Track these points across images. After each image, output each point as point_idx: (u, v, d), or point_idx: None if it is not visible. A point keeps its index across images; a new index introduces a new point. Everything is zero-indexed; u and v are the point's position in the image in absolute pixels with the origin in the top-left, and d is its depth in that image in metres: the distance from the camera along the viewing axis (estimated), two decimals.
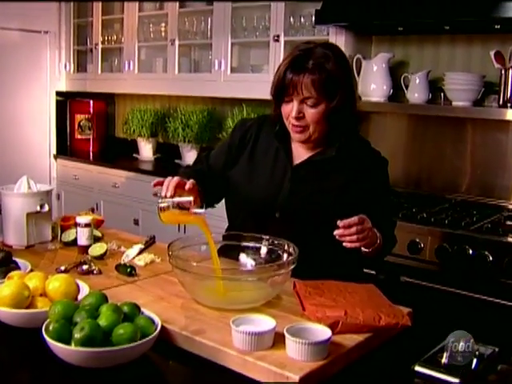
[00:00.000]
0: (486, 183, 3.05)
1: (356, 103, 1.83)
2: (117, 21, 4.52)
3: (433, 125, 3.19)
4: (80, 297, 1.37)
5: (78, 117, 4.76)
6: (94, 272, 1.64)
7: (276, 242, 1.58)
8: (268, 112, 1.96)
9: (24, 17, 4.29)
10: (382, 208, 1.83)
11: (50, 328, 1.15)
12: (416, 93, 3.10)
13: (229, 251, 1.63)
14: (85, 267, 1.65)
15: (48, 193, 1.92)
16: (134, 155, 4.47)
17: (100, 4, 4.50)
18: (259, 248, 1.59)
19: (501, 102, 2.81)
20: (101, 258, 1.78)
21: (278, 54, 3.47)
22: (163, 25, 4.16)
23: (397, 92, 3.22)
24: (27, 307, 1.31)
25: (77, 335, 1.12)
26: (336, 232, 1.54)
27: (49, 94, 4.63)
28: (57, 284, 1.34)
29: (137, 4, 4.24)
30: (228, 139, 1.99)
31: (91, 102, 4.79)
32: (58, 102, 4.72)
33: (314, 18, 3.33)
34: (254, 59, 3.87)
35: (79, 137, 4.80)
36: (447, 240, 2.55)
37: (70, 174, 4.51)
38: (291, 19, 3.49)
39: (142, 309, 1.30)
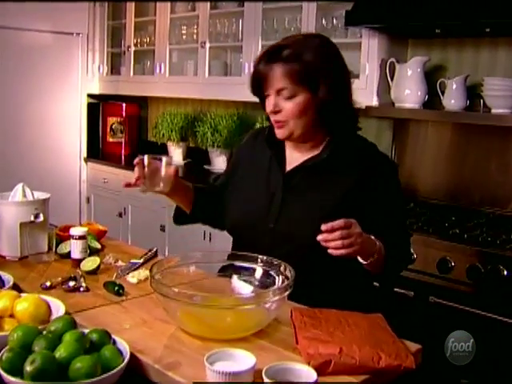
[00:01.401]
0: None
1: (350, 99, 1.66)
2: (150, 23, 4.45)
3: (470, 133, 2.98)
4: (52, 318, 1.26)
5: (111, 119, 4.72)
6: (81, 289, 1.54)
7: (272, 263, 1.43)
8: None
9: (56, 19, 4.27)
10: (391, 219, 1.66)
11: (3, 357, 1.05)
12: (453, 99, 2.89)
13: (223, 270, 1.49)
14: (71, 284, 1.54)
15: (44, 201, 1.83)
16: None
17: (133, 6, 4.45)
18: (254, 269, 1.45)
19: None
20: (94, 272, 1.67)
21: None
22: (195, 27, 4.07)
23: (432, 98, 3.03)
24: None
25: (28, 368, 1.01)
26: (319, 237, 1.39)
27: (80, 97, 4.60)
28: (25, 305, 1.23)
29: (169, 6, 4.16)
30: (228, 158, 1.96)
31: (124, 104, 4.73)
32: (90, 104, 4.69)
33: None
34: None
35: (111, 140, 4.76)
36: (480, 259, 2.35)
37: (99, 178, 4.46)
38: (323, 21, 3.34)
39: (115, 336, 1.18)
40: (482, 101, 2.86)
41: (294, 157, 1.70)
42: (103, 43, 4.70)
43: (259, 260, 1.44)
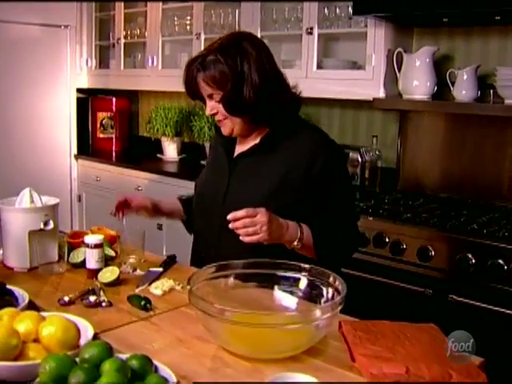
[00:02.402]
0: None
1: (280, 89, 1.71)
2: (140, 14, 4.30)
3: (482, 125, 2.89)
4: (82, 342, 1.14)
5: (100, 115, 4.56)
6: (103, 304, 1.41)
7: (319, 272, 1.31)
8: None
9: (44, 11, 4.09)
10: (330, 203, 1.70)
11: None
12: (464, 90, 2.80)
13: (261, 281, 1.37)
14: (92, 298, 1.41)
15: (54, 207, 1.70)
16: (158, 155, 4.25)
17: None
18: (297, 279, 1.33)
19: None
20: (113, 284, 1.55)
21: (311, 48, 3.21)
22: (188, 18, 3.92)
23: (441, 89, 2.94)
24: (17, 357, 1.09)
25: None
26: (230, 225, 1.50)
27: (69, 91, 4.42)
28: (52, 329, 1.10)
29: None
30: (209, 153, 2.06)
31: (113, 99, 4.58)
32: (78, 99, 4.51)
33: (350, 9, 3.09)
34: (285, 54, 3.61)
35: (101, 136, 4.60)
36: (502, 255, 2.27)
37: (91, 175, 4.31)
38: (325, 10, 3.22)
39: (156, 361, 1.06)
40: (492, 91, 2.78)
41: (241, 146, 1.81)
42: (91, 36, 4.53)
43: (303, 269, 1.32)
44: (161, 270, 1.66)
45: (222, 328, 1.16)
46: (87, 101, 4.62)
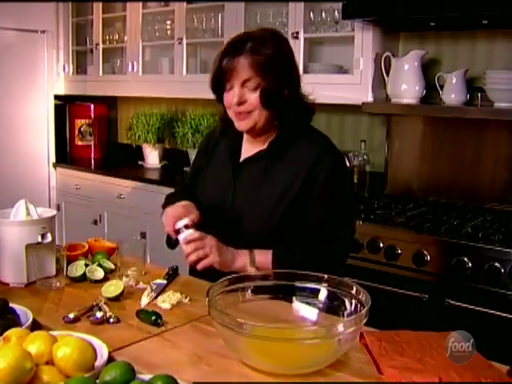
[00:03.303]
0: None
1: (299, 95, 1.70)
2: (118, 19, 4.22)
3: (471, 128, 2.90)
4: (98, 363, 1.07)
5: (79, 122, 4.46)
6: (111, 320, 1.35)
7: (339, 283, 1.27)
8: None
9: (20, 15, 3.98)
10: (315, 213, 1.66)
11: None
12: (453, 93, 2.81)
13: (279, 292, 1.32)
14: (99, 314, 1.35)
15: (51, 219, 1.62)
16: (140, 162, 4.17)
17: (100, 2, 4.20)
18: (316, 290, 1.28)
19: None
20: (117, 299, 1.48)
21: (297, 53, 3.16)
22: (169, 22, 3.86)
23: (430, 93, 2.94)
24: (30, 381, 1.02)
25: None
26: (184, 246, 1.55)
27: (47, 98, 4.31)
28: (68, 351, 1.04)
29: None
30: (195, 156, 1.97)
31: (92, 105, 4.48)
32: (56, 106, 4.41)
33: (336, 13, 3.08)
34: None
35: (80, 143, 4.50)
36: (499, 259, 2.26)
37: (71, 184, 4.21)
38: (311, 14, 3.20)
39: (181, 382, 1.00)
40: (480, 95, 2.79)
41: (248, 149, 1.76)
42: (68, 41, 4.43)
43: (322, 279, 1.27)
44: (165, 282, 1.60)
45: (243, 342, 1.11)
46: (65, 108, 4.51)
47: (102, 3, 4.19)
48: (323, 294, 1.26)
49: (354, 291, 1.21)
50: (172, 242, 1.77)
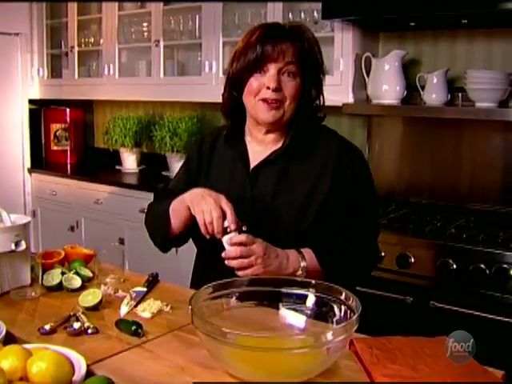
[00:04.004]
0: None
1: (322, 93, 1.61)
2: (94, 21, 4.15)
3: (452, 128, 2.88)
4: (76, 377, 1.01)
5: (54, 126, 4.37)
6: (89, 331, 1.28)
7: (328, 289, 1.21)
8: None
9: None
10: (357, 211, 1.58)
11: None
12: (434, 94, 2.79)
13: (265, 299, 1.27)
14: (76, 325, 1.28)
15: (25, 226, 1.55)
16: (117, 167, 4.09)
17: (75, 4, 4.12)
18: (304, 296, 1.23)
19: None
20: (95, 308, 1.42)
21: None
22: (145, 24, 3.80)
23: (410, 93, 2.92)
24: None
25: None
26: (223, 254, 1.41)
27: (21, 102, 4.22)
28: (43, 366, 0.97)
29: (116, 3, 3.87)
30: (185, 163, 1.80)
31: (67, 110, 4.40)
32: (31, 110, 4.31)
33: (316, 14, 3.06)
34: None
35: (55, 148, 4.41)
36: (484, 260, 2.24)
37: (46, 190, 4.11)
38: (290, 15, 3.16)
39: None
40: (460, 95, 2.78)
41: (257, 153, 1.63)
42: (42, 44, 4.34)
43: (310, 285, 1.22)
44: (145, 289, 1.54)
45: (228, 352, 1.06)
46: (40, 112, 4.42)
47: (78, 5, 4.11)
48: (311, 300, 1.21)
49: (343, 297, 1.17)
50: (169, 244, 1.67)
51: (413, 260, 2.39)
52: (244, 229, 1.43)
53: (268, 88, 1.50)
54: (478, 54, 2.82)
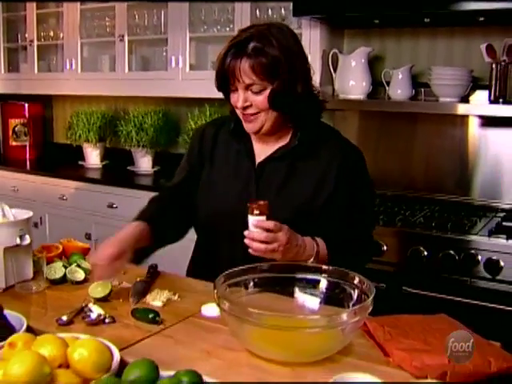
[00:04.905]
0: (485, 184, 2.88)
1: (311, 87, 1.64)
2: (52, 15, 4.09)
3: (416, 122, 3.02)
4: (113, 365, 1.05)
5: (13, 122, 4.29)
6: (106, 321, 1.31)
7: (341, 274, 1.30)
8: None
9: None
10: (358, 207, 1.66)
11: None
12: (399, 89, 2.92)
13: (280, 284, 1.34)
14: (94, 315, 1.31)
15: (28, 220, 1.57)
16: (80, 162, 4.06)
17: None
18: (317, 281, 1.31)
19: (492, 97, 2.66)
20: (105, 299, 1.45)
21: None
22: (108, 19, 3.78)
23: (376, 88, 3.03)
24: None
25: None
26: (246, 232, 1.43)
27: None
28: (85, 352, 1.01)
29: None
30: (187, 154, 1.83)
31: (26, 105, 4.32)
32: None
33: (283, 11, 3.13)
34: (215, 55, 3.56)
35: (14, 144, 4.33)
36: (454, 246, 2.37)
37: (7, 186, 4.02)
38: (257, 12, 3.22)
39: (205, 376, 1.00)
40: (423, 90, 2.91)
41: (262, 149, 1.68)
42: None
43: (323, 271, 1.30)
44: (149, 280, 1.58)
45: (254, 332, 1.13)
46: None
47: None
48: (323, 284, 1.29)
49: (357, 281, 1.25)
50: (141, 258, 1.67)
51: (385, 248, 2.49)
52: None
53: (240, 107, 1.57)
54: (440, 52, 2.95)
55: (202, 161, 1.75)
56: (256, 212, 1.42)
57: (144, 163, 3.79)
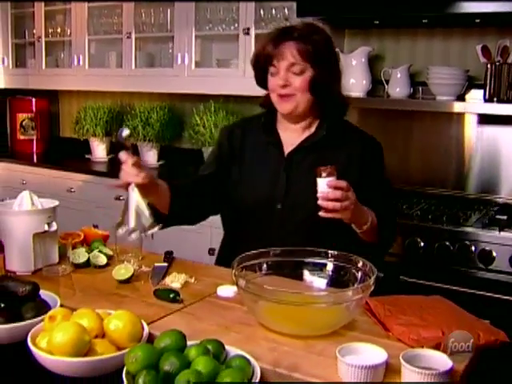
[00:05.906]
0: (479, 179, 3.00)
1: (340, 84, 1.84)
2: (59, 12, 4.20)
3: (414, 120, 3.14)
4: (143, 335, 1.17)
5: (20, 116, 4.39)
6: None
7: (344, 257, 1.43)
8: (236, 108, 1.92)
9: None
10: (382, 192, 1.83)
11: (141, 381, 0.97)
12: (398, 87, 3.03)
13: (285, 268, 1.47)
14: None
15: (55, 209, 1.69)
16: (87, 156, 4.17)
17: None
18: (324, 264, 1.44)
19: (487, 96, 2.79)
20: (127, 281, 1.57)
21: (248, 48, 3.30)
22: (115, 17, 3.89)
23: (375, 87, 3.15)
24: (86, 353, 1.11)
25: None
26: (319, 193, 1.51)
27: None
28: (120, 324, 1.13)
29: None
30: (215, 150, 1.96)
31: (33, 99, 4.43)
32: None
33: (286, 10, 3.25)
34: (220, 53, 3.69)
35: (21, 138, 4.44)
36: (449, 238, 2.50)
37: (16, 179, 4.14)
38: (261, 11, 3.34)
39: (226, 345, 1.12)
40: (421, 88, 3.03)
41: (290, 140, 1.82)
42: (7, 33, 4.36)
43: (329, 255, 1.43)
44: (166, 265, 1.70)
45: (269, 309, 1.25)
46: (5, 102, 4.43)
47: None
48: (330, 267, 1.42)
49: (360, 264, 1.38)
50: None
51: None
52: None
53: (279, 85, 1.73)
54: (437, 52, 3.07)
55: (233, 156, 1.88)
56: (324, 174, 1.51)
57: (149, 156, 3.90)
